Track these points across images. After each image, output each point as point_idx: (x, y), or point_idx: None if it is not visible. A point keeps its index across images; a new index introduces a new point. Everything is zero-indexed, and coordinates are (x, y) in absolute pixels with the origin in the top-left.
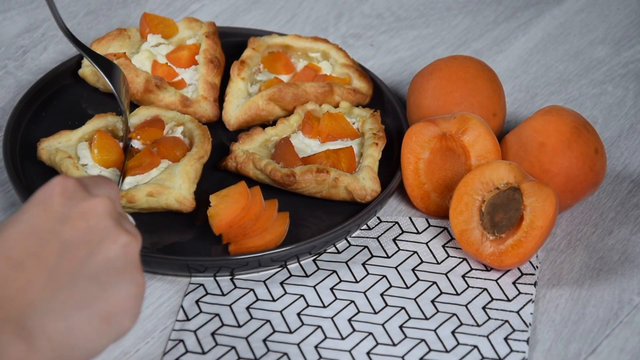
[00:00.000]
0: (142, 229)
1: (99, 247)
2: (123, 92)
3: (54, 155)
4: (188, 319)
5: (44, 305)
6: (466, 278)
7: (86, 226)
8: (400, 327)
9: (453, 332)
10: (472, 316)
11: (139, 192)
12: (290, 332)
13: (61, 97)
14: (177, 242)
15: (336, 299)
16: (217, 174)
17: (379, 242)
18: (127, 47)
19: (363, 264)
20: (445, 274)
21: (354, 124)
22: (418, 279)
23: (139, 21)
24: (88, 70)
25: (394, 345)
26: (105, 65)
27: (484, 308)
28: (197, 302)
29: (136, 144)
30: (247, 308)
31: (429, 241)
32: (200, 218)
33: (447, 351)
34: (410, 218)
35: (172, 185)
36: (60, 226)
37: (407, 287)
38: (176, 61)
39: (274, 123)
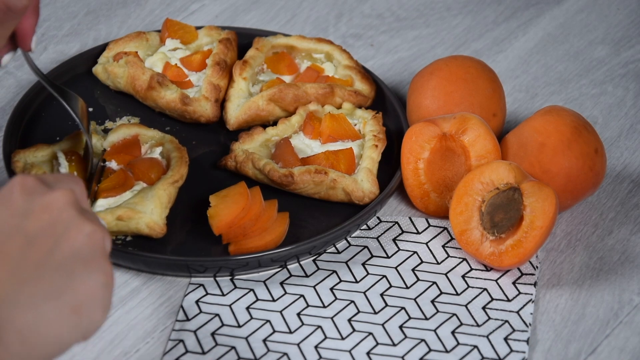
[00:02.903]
0: None
1: (63, 237)
2: (84, 121)
3: (29, 169)
4: (188, 319)
5: (10, 298)
6: (466, 278)
7: (49, 218)
8: (400, 327)
9: (453, 332)
10: (472, 316)
11: (108, 215)
12: (290, 332)
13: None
14: (177, 242)
15: (336, 299)
16: (217, 174)
17: (378, 242)
18: (144, 49)
19: (363, 264)
20: (445, 274)
21: (355, 125)
22: (418, 279)
23: (161, 26)
24: (100, 68)
25: (394, 345)
26: (65, 94)
27: (483, 308)
28: (197, 302)
29: (112, 164)
30: (247, 308)
31: (429, 241)
32: (200, 219)
33: (447, 351)
34: (410, 218)
35: (144, 209)
36: (22, 220)
37: (407, 287)
38: (188, 64)
39: (274, 123)
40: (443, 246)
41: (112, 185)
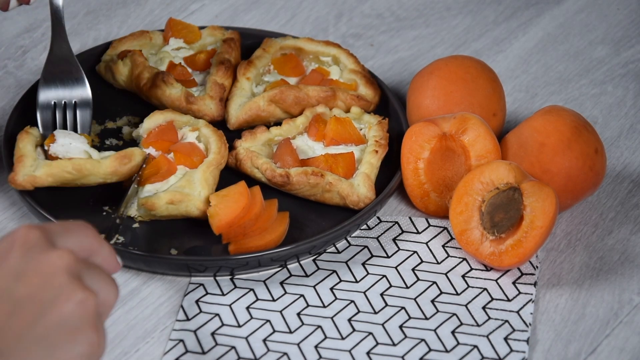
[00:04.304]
0: (142, 227)
1: (51, 305)
2: None
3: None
4: (188, 319)
5: None
6: (466, 278)
7: (40, 282)
8: (400, 327)
9: (453, 332)
10: (472, 316)
11: (159, 200)
12: (290, 332)
13: None
14: (177, 242)
15: (336, 298)
16: None
17: (378, 242)
18: (147, 48)
19: (363, 264)
20: (445, 274)
21: (361, 130)
22: (418, 279)
23: (164, 25)
24: (104, 65)
25: (394, 345)
26: None
27: (484, 308)
28: (197, 302)
29: (150, 150)
30: (247, 308)
31: (429, 241)
32: (200, 219)
33: (447, 351)
34: (410, 218)
35: (192, 192)
36: (14, 283)
37: (407, 287)
38: (192, 64)
39: (276, 125)
40: (443, 246)
41: (155, 171)
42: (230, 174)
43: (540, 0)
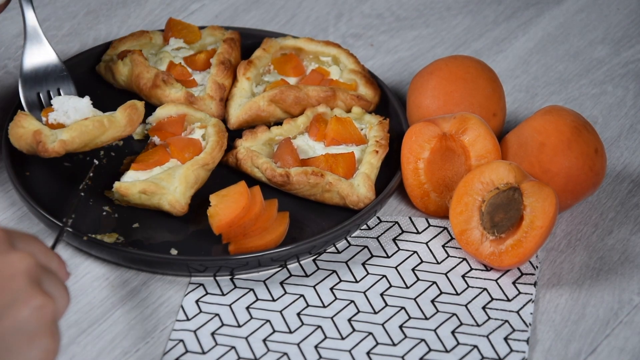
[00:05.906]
0: (142, 227)
1: (8, 309)
2: None
3: None
4: (188, 319)
5: None
6: (466, 278)
7: None
8: (400, 327)
9: (453, 332)
10: (472, 316)
11: (133, 187)
12: (290, 332)
13: None
14: (177, 241)
15: (336, 299)
16: (217, 173)
17: (378, 242)
18: (147, 48)
19: (363, 264)
20: (445, 274)
21: (362, 130)
22: (418, 279)
23: (164, 25)
24: (104, 65)
25: (394, 345)
26: None
27: (484, 308)
28: (197, 302)
29: (155, 139)
30: (247, 308)
31: (429, 241)
32: (200, 218)
33: (447, 351)
34: (410, 218)
35: (168, 186)
36: None
37: (407, 287)
38: (192, 64)
39: (276, 125)
40: (443, 246)
41: (146, 158)
42: (230, 174)
43: (540, 0)
